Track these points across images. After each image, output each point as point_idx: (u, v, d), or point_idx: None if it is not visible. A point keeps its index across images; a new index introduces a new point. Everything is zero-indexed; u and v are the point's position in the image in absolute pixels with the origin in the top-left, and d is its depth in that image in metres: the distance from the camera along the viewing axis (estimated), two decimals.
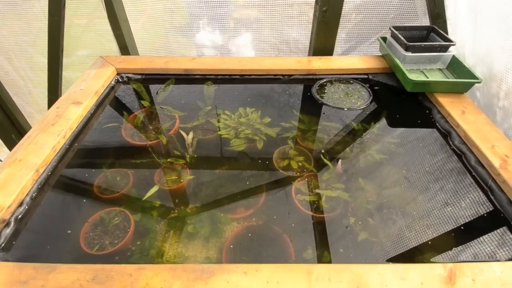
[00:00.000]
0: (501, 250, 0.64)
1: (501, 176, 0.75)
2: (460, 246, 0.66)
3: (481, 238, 0.68)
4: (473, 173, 0.82)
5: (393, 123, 1.04)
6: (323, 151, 0.94)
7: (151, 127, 1.07)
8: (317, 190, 0.82)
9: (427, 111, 1.04)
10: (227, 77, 1.24)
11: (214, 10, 1.40)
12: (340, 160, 0.90)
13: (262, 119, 1.09)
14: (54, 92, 1.50)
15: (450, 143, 0.92)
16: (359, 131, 1.01)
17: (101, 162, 0.94)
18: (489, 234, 0.68)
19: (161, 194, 0.86)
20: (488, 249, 0.65)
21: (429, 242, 0.68)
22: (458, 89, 1.03)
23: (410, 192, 0.81)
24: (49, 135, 0.88)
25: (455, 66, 1.10)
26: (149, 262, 0.67)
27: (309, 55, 1.39)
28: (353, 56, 1.32)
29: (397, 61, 1.10)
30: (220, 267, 0.58)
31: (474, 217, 0.73)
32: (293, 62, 1.25)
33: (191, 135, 0.99)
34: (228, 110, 1.12)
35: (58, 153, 0.87)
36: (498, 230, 0.69)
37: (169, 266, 0.58)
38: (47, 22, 1.28)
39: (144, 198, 0.84)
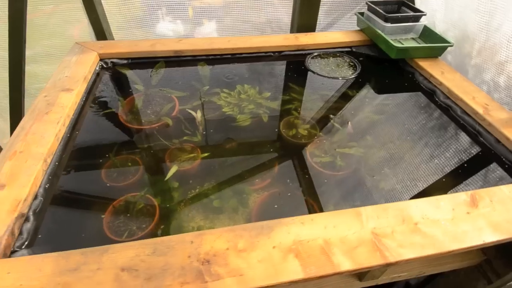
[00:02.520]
0: (500, 178, 0.76)
1: (486, 120, 0.88)
2: (469, 179, 0.77)
3: (482, 171, 0.79)
4: (461, 122, 0.94)
5: (383, 88, 1.14)
6: (331, 116, 0.99)
7: (149, 111, 1.03)
8: (337, 149, 0.87)
9: (410, 75, 1.16)
10: (218, 57, 1.23)
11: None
12: (349, 122, 0.96)
13: (261, 94, 1.11)
14: (17, 89, 1.33)
15: (436, 99, 1.04)
16: (355, 97, 1.09)
17: (107, 150, 0.88)
18: (487, 167, 0.80)
19: (177, 175, 0.84)
20: (491, 177, 0.76)
21: (443, 179, 0.78)
22: (434, 54, 1.16)
23: (413, 143, 0.91)
24: (46, 124, 0.80)
25: (427, 34, 1.23)
26: None
27: (291, 32, 1.43)
28: (335, 31, 1.39)
29: (379, 32, 1.20)
30: (278, 222, 0.59)
31: (471, 155, 0.85)
32: (281, 39, 1.28)
33: (199, 113, 0.97)
34: (226, 89, 1.12)
35: (61, 142, 0.80)
36: (492, 164, 0.81)
37: (228, 228, 0.58)
38: (6, 10, 1.13)
39: (166, 178, 0.81)
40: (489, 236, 0.59)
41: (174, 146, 0.91)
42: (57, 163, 0.76)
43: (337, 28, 1.51)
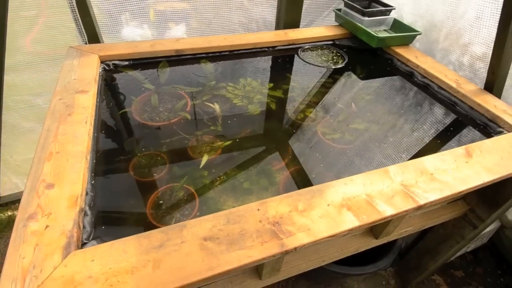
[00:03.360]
0: (480, 135, 0.93)
1: (460, 92, 1.06)
2: (455, 138, 0.94)
3: (463, 131, 0.96)
4: (439, 96, 1.12)
5: (369, 72, 1.29)
6: (335, 98, 1.11)
7: (161, 109, 1.05)
8: (350, 125, 0.99)
9: (389, 61, 1.33)
10: (217, 54, 1.28)
11: (133, 4, 1.32)
12: (352, 102, 1.08)
13: (265, 85, 1.20)
14: None
15: (415, 79, 1.21)
16: (349, 82, 1.23)
17: (132, 147, 0.90)
18: (467, 128, 0.98)
19: (205, 164, 0.88)
20: (471, 135, 0.94)
21: (436, 140, 0.93)
22: (406, 41, 1.34)
23: (405, 115, 1.06)
24: (73, 124, 0.80)
25: (397, 25, 1.42)
26: None
27: (277, 29, 1.54)
28: (318, 26, 1.52)
29: (359, 25, 1.35)
30: (326, 185, 0.68)
31: (452, 121, 1.02)
32: (272, 35, 1.38)
33: (217, 106, 1.03)
34: (231, 83, 1.18)
35: (92, 140, 0.80)
36: (470, 126, 0.99)
37: (285, 195, 0.66)
38: None
39: (201, 166, 0.86)
40: (486, 177, 0.74)
41: (196, 138, 0.95)
42: (94, 161, 0.76)
43: (316, 25, 1.65)
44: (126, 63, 1.17)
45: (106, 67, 1.13)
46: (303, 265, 0.90)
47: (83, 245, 0.58)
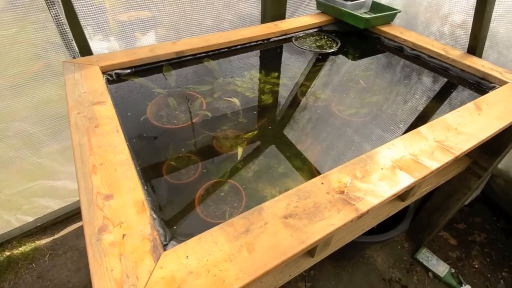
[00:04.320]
0: (478, 92, 1.04)
1: (449, 58, 1.17)
2: (458, 96, 1.03)
3: (460, 91, 1.07)
4: (431, 64, 1.23)
5: (363, 52, 1.37)
6: (340, 78, 1.17)
7: (177, 112, 1.04)
8: (366, 100, 1.05)
9: (377, 40, 1.42)
10: (216, 52, 1.28)
11: (92, 18, 1.24)
12: (360, 79, 1.15)
13: (270, 76, 1.22)
14: None
15: (406, 52, 1.31)
16: (348, 62, 1.29)
17: (164, 151, 0.88)
18: (463, 87, 1.08)
19: (234, 157, 0.89)
20: (468, 92, 1.04)
21: (445, 101, 1.02)
22: (389, 20, 1.44)
23: (407, 84, 1.14)
24: (105, 135, 0.76)
25: (376, 7, 1.52)
26: None
27: (263, 23, 1.57)
28: (303, 16, 1.58)
29: (345, 9, 1.43)
30: (373, 153, 0.73)
31: (449, 83, 1.12)
32: (264, 28, 1.41)
33: (236, 99, 1.03)
34: (238, 77, 1.19)
35: (129, 148, 0.77)
36: (465, 85, 1.10)
37: (340, 167, 0.69)
38: None
39: (238, 159, 0.86)
40: (498, 124, 0.83)
41: (222, 133, 0.95)
42: (138, 168, 0.74)
43: (298, 15, 1.71)
44: (128, 71, 1.13)
45: (109, 77, 1.09)
46: (347, 236, 0.94)
47: (165, 245, 0.57)
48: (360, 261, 1.59)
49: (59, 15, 1.08)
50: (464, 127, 0.82)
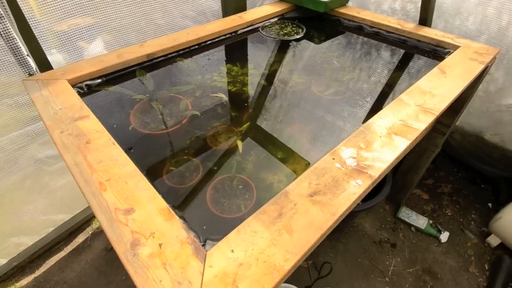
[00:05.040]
0: (436, 58, 1.16)
1: (406, 31, 1.29)
2: (421, 63, 1.15)
3: (421, 58, 1.19)
4: (390, 39, 1.33)
5: (328, 34, 1.43)
6: (318, 61, 1.22)
7: (162, 116, 1.00)
8: (344, 78, 1.11)
9: (338, 21, 1.50)
10: (187, 50, 1.25)
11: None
12: (333, 60, 1.21)
13: (246, 68, 1.23)
14: None
15: (366, 31, 1.40)
16: (318, 45, 1.35)
17: (164, 157, 0.85)
18: (422, 55, 1.20)
19: (234, 152, 0.89)
20: (427, 59, 1.16)
21: (411, 70, 1.13)
22: (344, 2, 1.53)
23: (374, 59, 1.23)
24: (102, 150, 0.72)
25: None
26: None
27: (225, 16, 1.56)
28: (264, 6, 1.60)
29: None
30: (367, 124, 0.79)
31: (409, 53, 1.24)
32: (230, 20, 1.40)
33: (222, 94, 1.03)
34: (215, 73, 1.18)
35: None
36: (423, 53, 1.22)
37: (344, 142, 0.73)
38: None
39: (241, 151, 0.87)
40: (463, 83, 0.95)
41: (215, 130, 0.95)
42: (145, 175, 0.71)
43: (259, 5, 1.72)
44: (99, 80, 1.06)
45: (80, 90, 1.01)
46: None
47: (203, 246, 0.56)
48: (351, 230, 1.70)
49: (8, 30, 0.97)
50: (436, 89, 0.92)
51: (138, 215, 0.58)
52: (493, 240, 1.55)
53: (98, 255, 1.60)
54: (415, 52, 1.25)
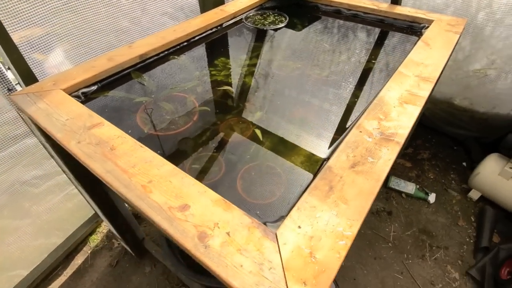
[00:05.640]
0: (415, 33, 1.26)
1: (382, 10, 1.38)
2: (402, 39, 1.24)
3: (400, 34, 1.28)
4: (369, 19, 1.41)
5: (310, 20, 1.48)
6: (310, 46, 1.26)
7: (170, 116, 0.98)
8: (340, 59, 1.16)
9: (316, 7, 1.55)
10: (178, 47, 1.22)
11: None
12: (324, 43, 1.26)
13: (239, 58, 1.24)
14: None
15: (344, 14, 1.47)
16: (304, 32, 1.39)
17: (184, 156, 0.84)
18: (401, 32, 1.30)
19: (253, 141, 0.91)
20: (406, 34, 1.26)
21: (396, 45, 1.22)
22: None
23: (358, 37, 1.31)
24: (132, 154, 0.69)
25: None
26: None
27: (203, 10, 1.53)
28: None
29: None
30: (379, 98, 0.85)
31: (388, 30, 1.33)
32: (213, 14, 1.39)
33: (229, 87, 1.03)
34: (211, 68, 1.18)
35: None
36: (401, 29, 1.31)
37: (365, 115, 0.78)
38: None
39: (261, 140, 0.88)
40: (447, 52, 1.04)
41: (230, 121, 0.95)
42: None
43: None
44: (94, 87, 1.00)
45: (78, 99, 0.95)
46: None
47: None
48: None
49: None
50: (427, 60, 1.00)
51: (195, 210, 0.57)
52: (474, 194, 1.74)
53: (104, 273, 1.52)
54: (394, 30, 1.34)
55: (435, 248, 1.58)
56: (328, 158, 0.71)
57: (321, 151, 0.83)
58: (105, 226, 1.72)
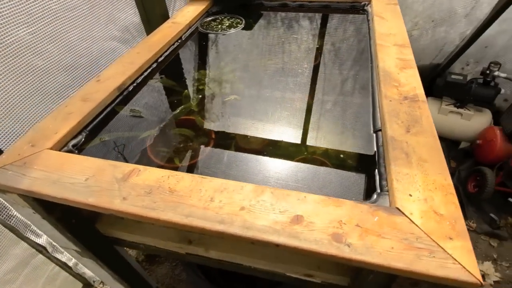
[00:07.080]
0: (359, 11, 1.41)
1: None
2: (356, 18, 1.38)
3: (351, 13, 1.42)
4: (315, 7, 1.52)
5: (266, 18, 1.51)
6: (275, 44, 1.29)
7: (186, 143, 0.90)
8: (311, 46, 1.22)
9: (261, 4, 1.59)
10: (149, 70, 1.10)
11: None
12: (293, 36, 1.30)
13: (220, 66, 1.20)
14: None
15: (292, 6, 1.55)
16: (268, 30, 1.42)
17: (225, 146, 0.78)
18: (350, 11, 1.44)
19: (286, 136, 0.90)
20: (356, 13, 1.41)
21: (356, 22, 1.34)
22: None
23: (324, 27, 1.40)
24: (201, 187, 0.61)
25: None
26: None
27: (149, 33, 1.42)
28: (187, 6, 1.53)
29: None
30: (383, 73, 0.93)
31: (339, 13, 1.46)
32: (168, 29, 1.30)
33: (232, 96, 0.98)
34: (197, 83, 1.11)
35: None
36: (350, 10, 1.46)
37: (382, 88, 0.86)
38: None
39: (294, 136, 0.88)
40: (401, 20, 1.21)
41: (255, 128, 0.92)
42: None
43: (176, 9, 1.62)
44: (81, 136, 0.83)
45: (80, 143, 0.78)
46: None
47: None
48: None
49: None
50: (392, 30, 1.14)
51: (308, 218, 0.55)
52: None
53: None
54: (342, 12, 1.48)
55: None
56: (379, 130, 0.76)
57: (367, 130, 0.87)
58: None
